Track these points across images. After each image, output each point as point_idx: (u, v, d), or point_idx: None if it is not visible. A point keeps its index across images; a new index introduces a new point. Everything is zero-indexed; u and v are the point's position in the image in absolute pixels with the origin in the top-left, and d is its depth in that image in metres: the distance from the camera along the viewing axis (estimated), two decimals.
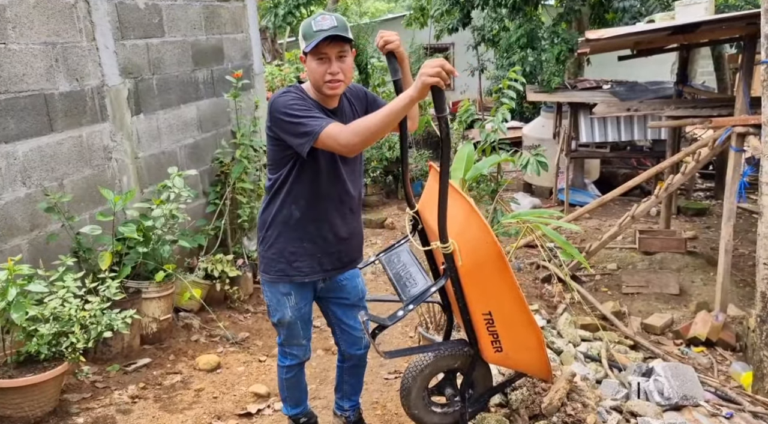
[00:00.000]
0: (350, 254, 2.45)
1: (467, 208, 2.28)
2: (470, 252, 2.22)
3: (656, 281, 5.85)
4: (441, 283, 2.37)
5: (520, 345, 2.42)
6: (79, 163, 3.61)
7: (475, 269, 2.24)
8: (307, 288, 2.43)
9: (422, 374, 2.58)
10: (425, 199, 2.64)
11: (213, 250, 4.55)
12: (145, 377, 3.45)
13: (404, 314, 2.32)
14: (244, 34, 5.23)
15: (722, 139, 4.83)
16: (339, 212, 2.34)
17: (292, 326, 2.45)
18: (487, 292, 2.30)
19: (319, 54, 2.12)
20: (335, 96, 2.22)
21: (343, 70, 2.14)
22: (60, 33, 3.47)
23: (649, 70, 12.52)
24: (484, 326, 2.37)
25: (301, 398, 2.69)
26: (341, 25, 2.12)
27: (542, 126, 9.75)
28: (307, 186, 2.27)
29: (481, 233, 2.20)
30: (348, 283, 2.51)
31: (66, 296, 2.87)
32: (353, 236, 2.43)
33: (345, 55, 2.15)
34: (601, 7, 9.87)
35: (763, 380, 3.57)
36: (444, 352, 2.57)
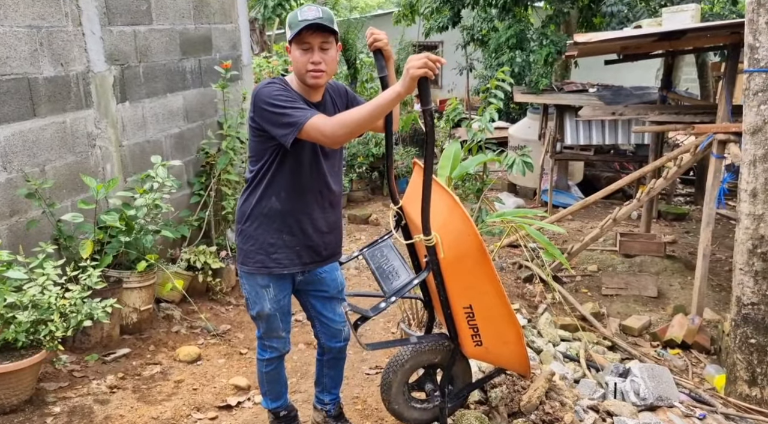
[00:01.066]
0: (330, 248, 2.46)
1: (450, 201, 2.32)
2: (452, 245, 2.26)
3: (635, 283, 5.93)
4: (423, 275, 2.39)
5: (499, 339, 2.46)
6: (62, 150, 3.56)
7: (457, 262, 2.27)
8: (286, 280, 2.42)
9: (403, 368, 2.60)
10: (409, 195, 2.65)
11: (196, 241, 4.52)
12: (124, 368, 3.42)
13: (387, 306, 2.34)
14: (233, 25, 5.19)
15: (704, 145, 4.91)
16: (319, 205, 2.35)
17: (271, 318, 2.44)
18: (468, 285, 2.33)
19: (302, 43, 2.13)
20: (318, 87, 2.23)
21: (325, 60, 2.16)
22: (45, 17, 3.42)
23: (634, 75, 12.67)
24: (464, 320, 2.40)
25: (281, 391, 2.68)
26: (326, 16, 2.13)
27: (528, 127, 9.82)
28: (289, 178, 2.27)
29: (464, 226, 2.24)
30: (327, 275, 2.52)
31: (46, 284, 2.84)
32: (333, 230, 2.44)
33: (328, 46, 2.16)
34: (589, 11, 9.95)
35: (735, 382, 3.64)
36: (425, 346, 2.59)
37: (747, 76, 3.37)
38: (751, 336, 3.54)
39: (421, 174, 2.21)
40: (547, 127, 8.99)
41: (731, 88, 4.98)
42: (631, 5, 7.56)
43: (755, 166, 3.38)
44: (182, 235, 4.17)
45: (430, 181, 2.16)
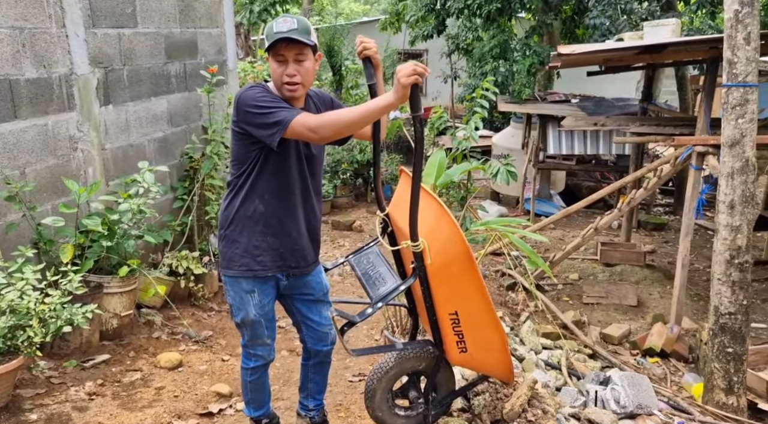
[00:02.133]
0: (313, 252, 2.48)
1: (438, 208, 2.33)
2: (439, 251, 2.26)
3: (616, 292, 6.00)
4: (410, 281, 2.40)
5: (484, 345, 2.47)
6: (43, 153, 3.52)
7: (444, 268, 2.28)
8: (270, 285, 2.41)
9: (387, 375, 2.60)
10: (396, 203, 2.66)
11: (179, 246, 4.48)
12: (103, 374, 3.37)
13: (373, 312, 2.34)
14: (219, 29, 5.18)
15: (683, 157, 5.00)
16: (303, 207, 2.36)
17: (256, 325, 2.43)
18: (454, 291, 2.34)
19: (277, 55, 2.15)
20: (295, 100, 2.23)
21: (300, 72, 2.16)
22: (28, 18, 3.38)
23: (616, 86, 12.86)
24: (449, 326, 2.41)
25: (264, 400, 2.67)
26: (302, 28, 2.13)
27: (512, 136, 9.91)
28: (273, 180, 2.27)
29: (451, 232, 2.25)
30: (312, 278, 2.52)
31: (24, 289, 2.79)
32: (315, 233, 2.46)
33: (303, 59, 2.16)
34: (572, 23, 10.10)
35: (713, 391, 3.70)
36: (409, 352, 2.60)
37: (725, 91, 3.44)
38: (729, 345, 3.60)
39: (409, 181, 2.22)
40: (530, 137, 9.08)
41: (710, 101, 5.08)
42: (612, 18, 7.69)
43: (733, 179, 3.45)
44: (164, 240, 4.13)
45: (419, 187, 2.17)
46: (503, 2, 8.36)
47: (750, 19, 3.26)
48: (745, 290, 3.54)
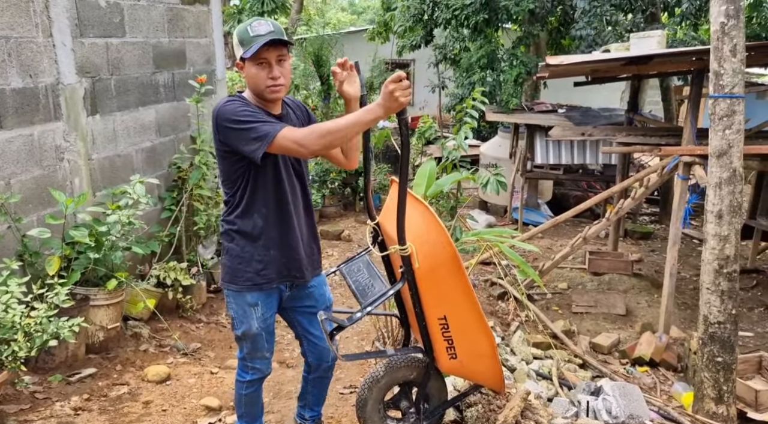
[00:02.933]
0: (315, 260, 2.47)
1: (425, 212, 2.35)
2: (427, 255, 2.28)
3: (604, 301, 6.02)
4: (399, 286, 2.40)
5: (474, 351, 2.47)
6: (29, 163, 3.46)
7: (431, 272, 2.29)
8: (274, 297, 2.40)
9: (378, 385, 2.58)
10: (386, 212, 2.66)
11: (166, 257, 4.42)
12: (89, 388, 3.31)
13: (362, 316, 2.34)
14: (208, 39, 5.16)
15: (670, 167, 5.04)
16: (299, 219, 2.36)
17: (257, 338, 2.41)
18: (442, 295, 2.35)
19: (258, 59, 2.12)
20: (277, 100, 2.22)
21: (283, 73, 2.16)
22: (14, 27, 3.34)
23: (601, 97, 13.01)
24: (439, 331, 2.41)
25: (257, 414, 2.63)
26: (278, 29, 2.14)
27: (499, 145, 9.96)
28: (267, 194, 2.26)
29: (438, 236, 2.27)
30: (315, 290, 2.50)
31: (9, 302, 2.73)
32: (315, 240, 2.46)
33: (284, 59, 2.16)
34: (558, 34, 10.20)
35: (703, 400, 3.71)
36: (400, 359, 2.59)
37: (712, 102, 3.48)
38: (718, 355, 3.62)
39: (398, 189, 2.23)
40: (517, 146, 9.13)
41: (696, 111, 5.14)
42: (598, 30, 7.78)
43: (721, 189, 3.48)
44: (152, 250, 4.08)
45: (405, 190, 2.18)
46: (490, 13, 8.42)
47: (736, 31, 3.30)
48: (733, 300, 3.56)
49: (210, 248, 5.00)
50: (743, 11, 3.32)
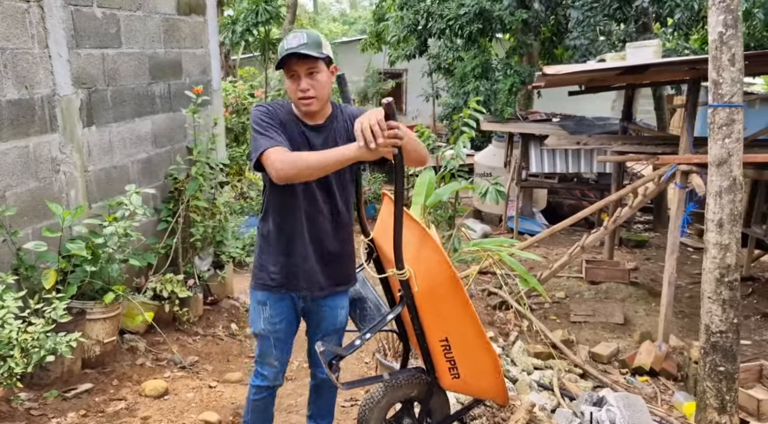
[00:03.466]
0: (332, 278, 2.39)
1: (421, 232, 2.30)
2: (425, 276, 2.24)
3: (602, 310, 6.02)
4: (397, 310, 2.37)
5: (477, 370, 2.43)
6: (24, 175, 3.41)
7: (431, 293, 2.25)
8: (285, 303, 2.39)
9: (379, 405, 2.55)
10: (380, 227, 2.62)
11: (162, 269, 4.37)
12: (86, 404, 3.24)
13: (361, 343, 2.31)
14: (204, 50, 5.13)
15: (667, 175, 5.06)
16: (310, 228, 2.31)
17: (264, 340, 2.44)
18: (443, 316, 2.31)
19: (289, 71, 2.15)
20: (310, 113, 2.23)
21: (314, 86, 2.15)
22: (10, 38, 3.30)
23: (593, 106, 13.07)
24: (441, 353, 2.37)
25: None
26: (312, 41, 2.13)
27: (493, 155, 9.99)
28: (281, 201, 2.30)
29: (435, 256, 2.23)
30: (328, 311, 2.45)
31: (6, 317, 2.68)
32: (332, 257, 2.37)
33: (315, 72, 2.15)
34: (551, 44, 10.27)
35: (705, 410, 3.69)
36: (401, 380, 2.55)
37: (712, 111, 3.49)
38: (720, 364, 3.61)
39: (391, 206, 2.19)
40: (512, 155, 9.16)
41: (692, 120, 5.17)
42: (592, 40, 7.83)
43: (721, 197, 3.49)
44: (149, 263, 4.03)
45: (401, 215, 2.13)
46: (484, 23, 8.46)
47: (734, 40, 3.32)
48: (735, 308, 3.56)
49: (206, 260, 4.95)
50: (741, 21, 3.34)
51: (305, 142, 2.24)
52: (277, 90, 10.56)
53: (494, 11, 8.28)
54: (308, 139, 2.25)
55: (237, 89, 10.15)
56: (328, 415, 2.73)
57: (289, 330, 2.45)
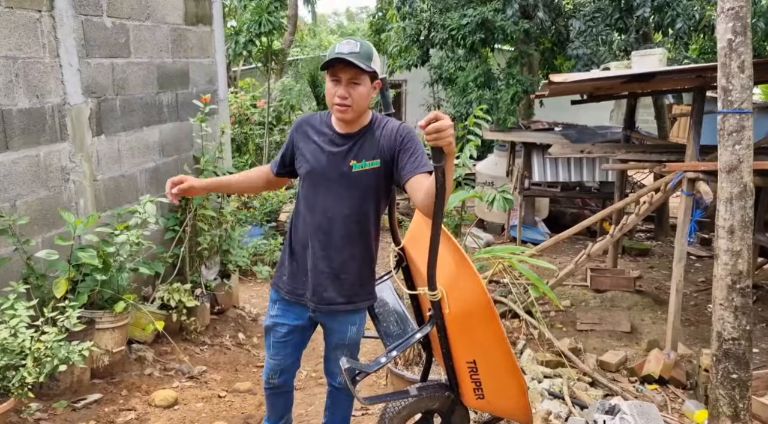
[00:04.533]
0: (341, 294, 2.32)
1: (458, 255, 2.22)
2: (458, 300, 2.16)
3: (609, 318, 5.99)
4: (426, 330, 2.33)
5: (502, 393, 2.38)
6: (35, 184, 3.41)
7: (463, 318, 2.19)
8: (292, 308, 2.40)
9: (400, 414, 2.52)
10: (411, 236, 2.60)
11: (170, 279, 4.35)
12: (95, 415, 3.21)
13: (387, 361, 2.30)
14: (211, 59, 5.15)
15: (674, 183, 5.06)
16: (316, 239, 2.30)
17: (267, 334, 2.50)
18: (473, 341, 2.24)
19: (333, 75, 2.16)
20: (344, 121, 2.23)
21: (352, 96, 2.15)
22: (22, 47, 3.30)
23: (590, 115, 13.12)
24: (467, 374, 2.32)
25: (271, 417, 2.68)
26: (363, 52, 2.11)
27: (495, 164, 10.00)
28: (299, 205, 2.38)
29: (472, 283, 2.15)
30: (337, 327, 2.42)
31: (18, 326, 2.66)
32: (332, 271, 2.30)
33: (357, 83, 2.15)
34: (551, 54, 10.33)
35: (719, 418, 3.66)
36: (425, 396, 2.52)
37: (721, 117, 3.49)
38: (733, 371, 3.58)
39: (423, 216, 2.16)
40: (515, 164, 9.17)
41: (698, 128, 5.18)
42: (593, 50, 7.88)
43: (732, 204, 3.48)
44: (156, 272, 4.01)
45: (438, 236, 2.03)
46: (486, 33, 8.51)
47: (743, 47, 3.33)
48: (747, 315, 3.54)
49: (213, 269, 4.93)
50: (749, 28, 3.35)
51: (327, 150, 2.26)
52: (279, 101, 10.60)
53: (496, 21, 8.33)
54: (332, 147, 2.26)
55: (239, 100, 10.18)
56: (344, 423, 2.72)
57: (290, 336, 2.44)
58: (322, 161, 2.26)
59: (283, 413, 2.68)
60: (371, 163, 2.22)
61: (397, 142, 2.20)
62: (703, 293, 7.13)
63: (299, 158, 2.33)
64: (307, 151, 2.30)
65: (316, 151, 2.27)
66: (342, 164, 2.23)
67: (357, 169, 2.22)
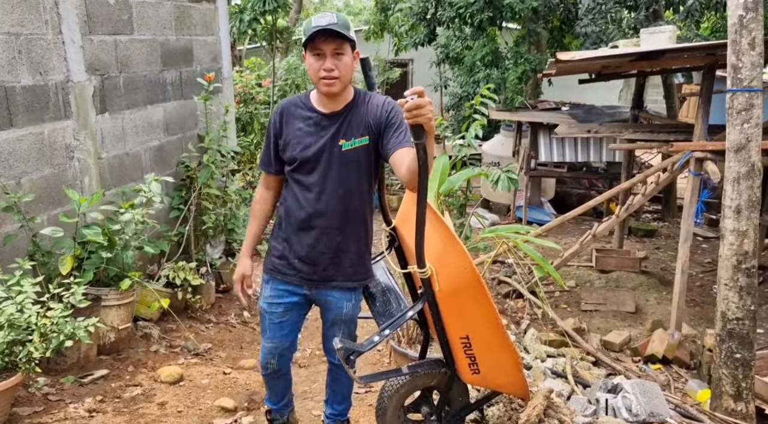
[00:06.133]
0: (329, 269, 2.34)
1: (446, 233, 2.24)
2: (448, 277, 2.18)
3: (613, 298, 5.99)
4: (418, 307, 2.33)
5: (497, 367, 2.41)
6: (39, 162, 3.41)
7: (453, 294, 2.21)
8: (286, 287, 2.39)
9: (398, 393, 2.53)
10: (402, 216, 2.60)
11: (175, 257, 4.37)
12: (102, 390, 3.26)
13: (380, 340, 2.29)
14: (215, 37, 5.11)
15: (681, 163, 5.02)
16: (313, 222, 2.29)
17: (263, 316, 2.49)
18: (464, 316, 2.27)
19: (315, 49, 2.12)
20: (332, 95, 2.18)
21: (339, 67, 2.12)
22: (24, 24, 3.29)
23: (598, 95, 12.99)
24: (461, 349, 2.34)
25: (273, 397, 2.69)
26: (341, 22, 2.10)
27: (501, 144, 9.93)
28: (288, 187, 2.35)
29: (460, 260, 2.17)
30: (333, 301, 2.42)
31: (24, 302, 2.68)
32: (329, 251, 2.32)
33: (342, 53, 2.12)
34: (559, 32, 10.18)
35: (721, 397, 3.68)
36: (421, 373, 2.53)
37: (730, 96, 3.45)
38: (736, 351, 3.59)
39: (413, 196, 2.14)
40: (521, 145, 9.10)
41: (707, 107, 5.11)
42: (602, 27, 7.76)
43: (739, 183, 3.46)
44: (161, 250, 4.03)
45: (424, 212, 2.04)
46: (494, 11, 8.39)
47: (754, 24, 3.28)
48: (752, 296, 3.53)
49: (218, 248, 4.95)
50: (762, 4, 3.29)
51: (315, 133, 2.22)
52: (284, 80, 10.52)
53: None
54: (319, 129, 2.23)
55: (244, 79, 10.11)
56: (345, 400, 2.74)
57: (287, 315, 2.43)
58: (311, 146, 2.22)
59: (284, 393, 2.69)
60: (360, 141, 2.21)
61: (383, 117, 2.19)
62: (710, 273, 7.10)
63: (288, 146, 2.27)
64: (294, 138, 2.25)
65: (304, 135, 2.23)
66: (332, 145, 2.21)
67: (347, 148, 2.20)
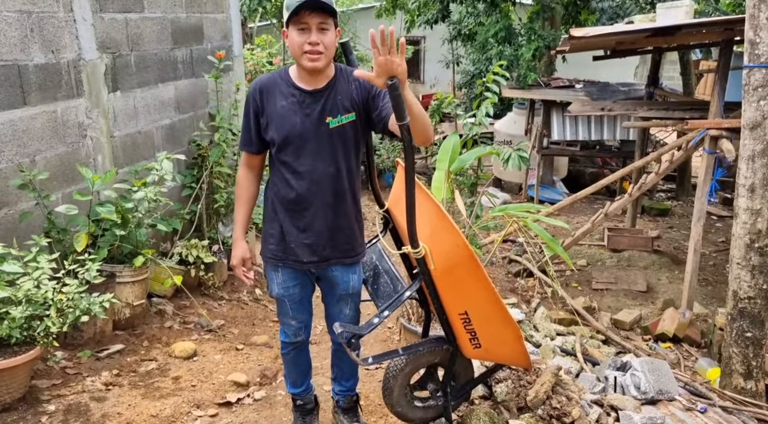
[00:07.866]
0: (330, 247, 2.34)
1: (437, 211, 2.25)
2: (442, 255, 2.20)
3: (625, 277, 5.99)
4: (415, 287, 2.35)
5: (498, 340, 2.43)
6: (53, 140, 3.44)
7: (448, 272, 2.23)
8: (296, 270, 2.40)
9: (403, 372, 2.56)
10: (394, 198, 2.60)
11: (187, 235, 4.42)
12: (118, 364, 3.33)
13: (380, 321, 2.30)
14: (225, 15, 5.08)
15: (696, 141, 4.95)
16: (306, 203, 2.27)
17: (280, 302, 2.49)
18: (461, 293, 2.28)
19: (299, 23, 2.07)
20: (316, 70, 2.13)
21: (324, 42, 2.08)
22: (36, 2, 3.29)
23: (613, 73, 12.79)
24: (461, 325, 2.36)
25: (298, 379, 2.68)
26: None
27: (514, 122, 9.85)
28: (275, 170, 2.31)
29: (452, 237, 2.18)
30: (339, 274, 2.43)
31: (41, 278, 2.73)
32: (325, 230, 2.31)
33: (326, 28, 2.08)
34: (575, 8, 10.01)
35: (731, 376, 3.69)
36: (423, 351, 2.55)
37: (747, 72, 3.39)
38: (747, 330, 3.59)
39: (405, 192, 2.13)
40: (533, 123, 9.03)
41: (723, 84, 5.03)
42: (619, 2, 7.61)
43: (754, 162, 3.42)
44: (174, 228, 4.07)
45: (413, 191, 2.04)
46: None
47: None
48: (765, 274, 3.51)
49: (230, 226, 4.99)
50: None
51: (300, 112, 2.18)
52: None
53: None
54: (304, 107, 2.18)
55: (255, 57, 10.08)
56: (352, 377, 2.76)
57: (303, 292, 2.46)
58: (296, 125, 2.17)
59: (307, 369, 2.71)
60: (347, 117, 2.18)
61: (367, 89, 2.18)
62: (723, 253, 7.06)
63: (269, 126, 2.22)
64: (276, 117, 2.19)
65: (288, 114, 2.18)
66: (318, 123, 2.17)
67: (334, 125, 2.17)
